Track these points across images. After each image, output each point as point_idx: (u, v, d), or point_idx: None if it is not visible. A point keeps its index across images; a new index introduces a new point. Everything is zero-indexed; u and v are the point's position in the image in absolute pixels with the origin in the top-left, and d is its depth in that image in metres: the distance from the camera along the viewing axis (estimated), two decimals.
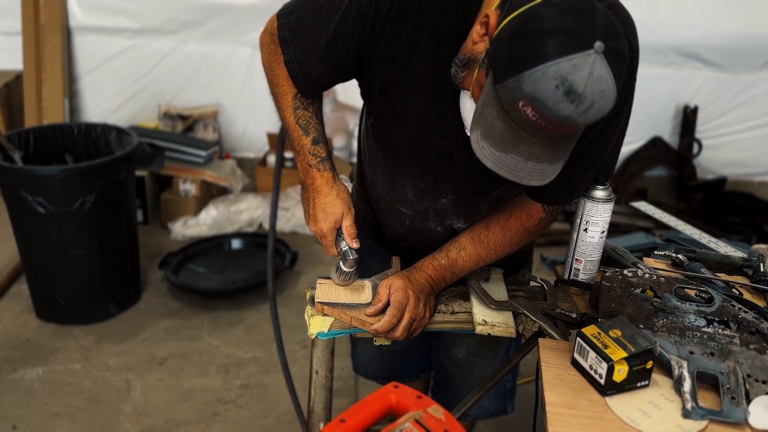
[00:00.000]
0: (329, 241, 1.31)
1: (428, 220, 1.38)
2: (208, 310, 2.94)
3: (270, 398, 2.43)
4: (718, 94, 3.93)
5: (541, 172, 1.01)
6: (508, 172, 1.01)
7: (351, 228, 1.30)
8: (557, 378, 1.07)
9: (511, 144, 0.98)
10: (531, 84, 0.90)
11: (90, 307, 2.80)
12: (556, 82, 0.88)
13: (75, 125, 3.01)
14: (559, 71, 0.88)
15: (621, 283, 1.23)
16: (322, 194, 1.30)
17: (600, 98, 0.91)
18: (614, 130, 1.20)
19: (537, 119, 0.92)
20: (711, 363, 1.07)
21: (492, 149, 1.00)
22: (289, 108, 1.31)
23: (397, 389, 0.91)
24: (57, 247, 2.64)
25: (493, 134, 0.98)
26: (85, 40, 3.81)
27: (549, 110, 0.91)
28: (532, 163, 0.99)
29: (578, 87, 0.89)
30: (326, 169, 1.31)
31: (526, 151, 0.98)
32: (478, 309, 1.32)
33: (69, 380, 2.47)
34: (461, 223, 1.37)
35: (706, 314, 1.15)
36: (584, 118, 0.92)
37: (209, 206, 3.70)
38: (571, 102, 0.89)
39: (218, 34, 3.81)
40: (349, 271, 1.32)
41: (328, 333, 1.29)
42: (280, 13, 1.24)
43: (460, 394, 1.60)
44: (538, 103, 0.90)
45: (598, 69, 0.89)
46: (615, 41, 0.91)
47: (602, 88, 0.90)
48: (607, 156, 1.26)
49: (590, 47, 0.88)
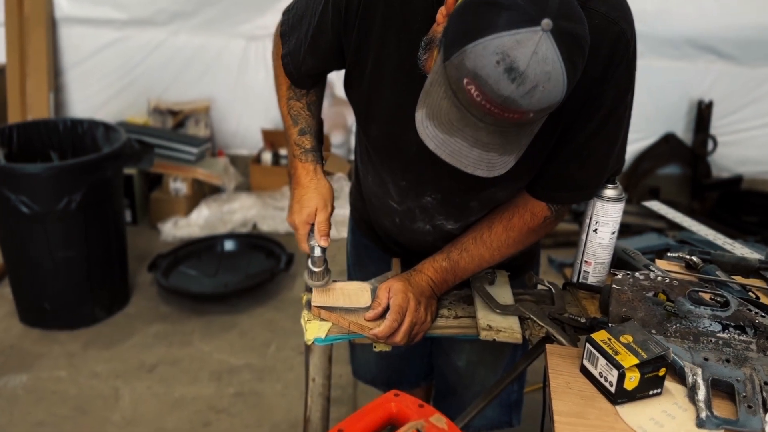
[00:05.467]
0: (301, 235, 1.33)
1: (416, 219, 1.39)
2: (200, 315, 2.94)
3: (264, 407, 2.43)
4: (734, 88, 3.93)
5: (488, 162, 0.99)
6: (451, 156, 0.99)
7: (323, 224, 1.31)
8: (565, 386, 1.07)
9: (456, 127, 0.96)
10: (473, 58, 0.88)
11: (76, 312, 2.80)
12: (497, 57, 0.87)
13: (60, 121, 3.01)
14: (500, 46, 0.86)
15: (632, 286, 1.22)
16: (301, 186, 1.34)
17: (545, 81, 0.88)
18: (616, 124, 1.19)
19: (481, 99, 0.90)
20: (726, 370, 1.07)
21: (436, 130, 0.98)
22: (283, 98, 1.40)
23: (398, 397, 0.91)
24: (42, 249, 2.64)
25: (439, 114, 0.97)
26: (71, 31, 3.81)
27: (490, 88, 0.88)
28: (479, 150, 0.97)
29: (520, 65, 0.86)
30: (308, 161, 1.35)
31: (472, 136, 0.96)
32: (482, 313, 1.32)
33: (54, 388, 2.47)
34: (452, 223, 1.37)
35: (721, 319, 1.15)
36: (528, 102, 0.89)
37: (201, 206, 3.70)
38: (512, 81, 0.87)
39: (211, 25, 3.81)
40: (318, 270, 1.31)
41: (326, 338, 1.29)
42: (284, 11, 1.34)
43: (462, 403, 1.60)
44: (479, 80, 0.89)
45: (544, 49, 0.86)
46: (569, 23, 0.89)
47: (548, 69, 0.87)
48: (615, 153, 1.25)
49: (537, 24, 0.86)
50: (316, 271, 1.31)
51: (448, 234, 1.38)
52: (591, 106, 1.13)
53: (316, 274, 1.32)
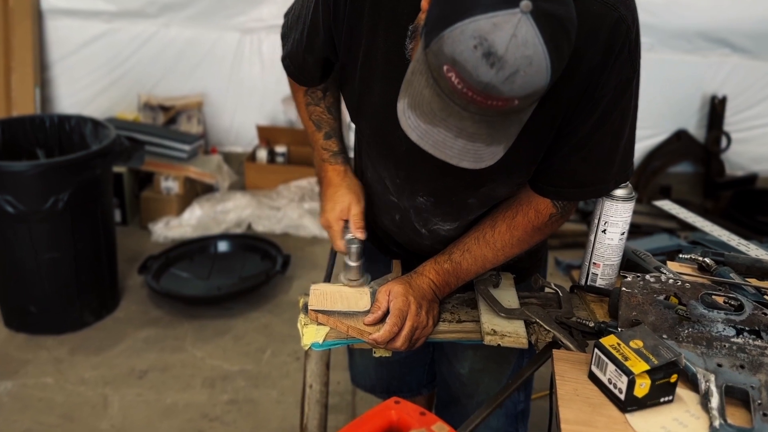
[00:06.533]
0: (335, 232, 1.38)
1: (411, 219, 1.40)
2: (192, 319, 2.95)
3: (260, 414, 2.43)
4: (749, 82, 3.93)
5: (474, 153, 0.99)
6: (434, 147, 0.99)
7: (358, 217, 1.37)
8: (573, 393, 1.07)
9: (439, 116, 0.96)
10: (451, 44, 0.88)
11: (63, 316, 2.80)
12: (474, 41, 0.86)
13: (47, 117, 3.01)
14: (477, 29, 0.86)
15: (642, 289, 1.22)
16: (333, 185, 1.40)
17: (526, 65, 0.87)
18: (620, 116, 1.18)
19: (462, 87, 0.90)
20: (741, 376, 1.07)
21: (418, 120, 0.98)
22: (302, 104, 1.45)
23: (399, 405, 0.91)
24: (27, 250, 2.64)
25: (421, 104, 0.97)
26: (57, 24, 3.82)
27: (469, 75, 0.88)
28: (464, 141, 0.97)
29: (498, 49, 0.86)
30: (338, 163, 1.42)
31: (456, 126, 0.96)
32: (486, 317, 1.32)
33: (40, 395, 2.47)
34: (450, 224, 1.37)
35: (735, 323, 1.15)
36: (510, 89, 0.89)
37: (193, 205, 3.71)
38: (491, 66, 0.87)
39: (203, 17, 3.81)
40: (355, 265, 1.36)
41: (323, 344, 1.29)
42: (285, 14, 1.39)
43: (466, 413, 1.60)
44: (458, 66, 0.89)
45: (523, 31, 0.86)
46: (551, 4, 0.88)
47: (528, 53, 0.87)
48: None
49: (515, 6, 0.85)
50: (353, 265, 1.36)
51: (445, 239, 1.39)
52: (591, 97, 1.12)
53: (353, 269, 1.37)
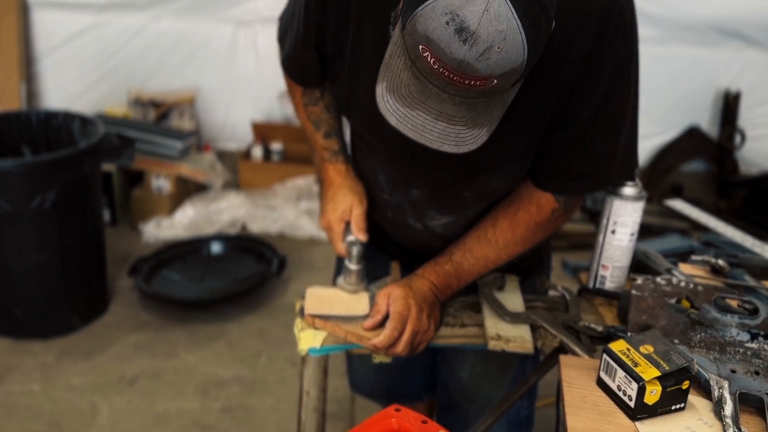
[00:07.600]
0: (336, 234, 1.39)
1: (406, 215, 1.41)
2: (185, 323, 2.94)
3: (255, 422, 2.43)
4: (764, 77, 3.93)
5: (455, 136, 1.00)
6: (413, 131, 1.00)
7: (359, 218, 1.38)
8: (581, 400, 1.07)
9: (417, 99, 0.98)
10: (423, 21, 0.89)
11: (50, 320, 2.80)
12: (446, 17, 0.87)
13: (33, 113, 3.01)
14: (448, 5, 0.87)
15: (653, 292, 1.22)
16: (334, 186, 1.41)
17: (500, 41, 0.88)
18: (619, 105, 1.18)
19: (438, 66, 0.91)
20: (755, 383, 1.07)
21: (396, 104, 0.99)
22: (300, 106, 1.47)
23: (399, 412, 0.91)
24: (12, 251, 2.64)
25: (399, 87, 0.98)
26: (44, 16, 3.82)
27: (442, 52, 0.89)
28: (444, 123, 0.98)
29: (470, 24, 0.87)
30: (339, 162, 1.43)
31: (435, 108, 0.97)
32: (490, 321, 1.32)
33: (27, 402, 2.47)
34: (446, 218, 1.38)
35: (750, 327, 1.15)
36: (485, 66, 0.90)
37: (185, 205, 3.71)
38: (464, 42, 0.88)
39: (196, 9, 3.81)
40: (355, 268, 1.36)
41: (321, 349, 1.29)
42: (279, 17, 1.40)
43: (467, 419, 1.60)
44: (432, 44, 0.90)
45: (496, 5, 0.87)
46: None
47: (502, 28, 0.87)
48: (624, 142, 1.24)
49: None
50: (353, 269, 1.36)
51: (442, 236, 1.39)
52: (585, 85, 1.13)
53: (353, 273, 1.36)
